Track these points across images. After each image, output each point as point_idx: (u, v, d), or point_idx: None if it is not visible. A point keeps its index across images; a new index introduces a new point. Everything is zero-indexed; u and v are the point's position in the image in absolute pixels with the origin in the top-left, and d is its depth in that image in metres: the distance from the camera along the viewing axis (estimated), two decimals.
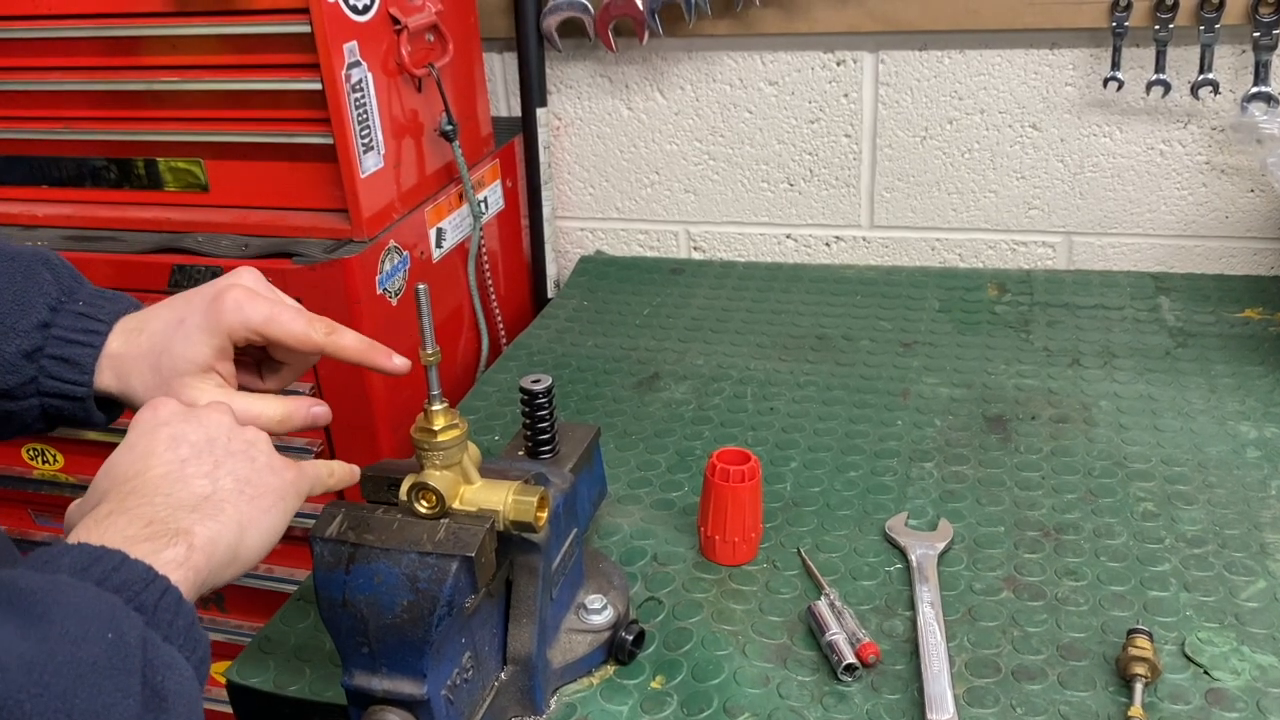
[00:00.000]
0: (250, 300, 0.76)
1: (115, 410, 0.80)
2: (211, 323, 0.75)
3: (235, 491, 0.65)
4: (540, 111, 1.59)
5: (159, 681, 0.53)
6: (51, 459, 1.46)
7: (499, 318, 1.55)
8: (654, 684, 0.86)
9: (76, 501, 0.67)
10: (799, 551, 0.99)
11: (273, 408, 0.77)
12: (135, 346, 0.76)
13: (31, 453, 1.46)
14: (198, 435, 0.67)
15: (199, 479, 0.65)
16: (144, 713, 0.52)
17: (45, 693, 0.48)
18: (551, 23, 1.51)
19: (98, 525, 0.59)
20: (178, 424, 0.68)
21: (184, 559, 0.59)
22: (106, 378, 0.76)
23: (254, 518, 0.65)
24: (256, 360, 0.83)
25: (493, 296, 1.53)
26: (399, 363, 0.79)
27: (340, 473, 0.78)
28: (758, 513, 0.98)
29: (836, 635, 0.86)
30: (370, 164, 1.22)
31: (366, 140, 1.21)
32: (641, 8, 1.47)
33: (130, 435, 0.68)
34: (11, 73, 1.26)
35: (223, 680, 0.92)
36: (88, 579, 0.54)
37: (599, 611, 0.87)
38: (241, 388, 0.80)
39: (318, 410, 0.81)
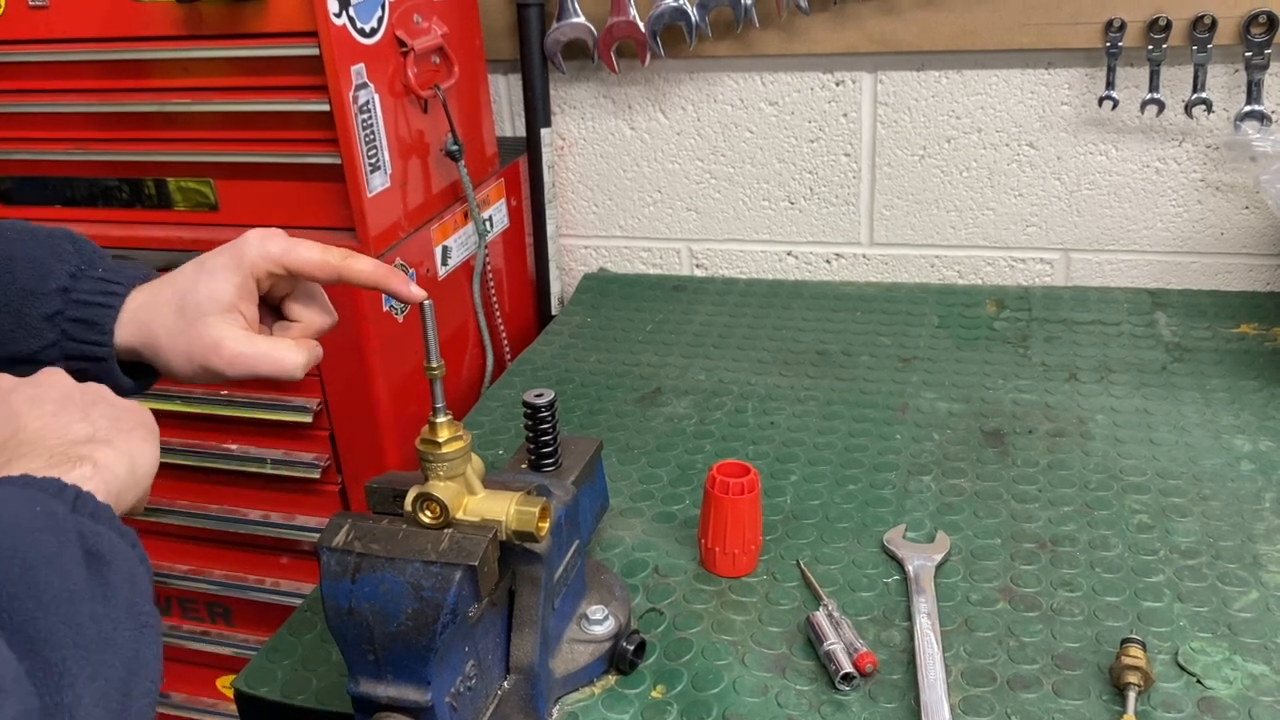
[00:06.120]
0: (270, 235, 0.79)
1: (148, 377, 0.81)
2: (234, 260, 0.78)
3: (113, 429, 0.67)
4: (544, 131, 1.61)
5: (93, 545, 0.56)
6: None
7: (503, 334, 1.57)
8: (655, 693, 0.87)
9: None
10: (798, 563, 1.01)
11: (293, 349, 0.80)
12: (158, 295, 0.79)
13: None
14: (54, 393, 0.68)
15: (77, 424, 0.66)
16: (87, 569, 0.55)
17: None
18: (555, 45, 1.54)
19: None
20: (25, 388, 0.69)
21: (91, 475, 0.61)
22: (127, 332, 0.78)
23: (138, 447, 0.67)
24: (269, 324, 0.85)
25: (497, 313, 1.55)
26: (416, 290, 0.79)
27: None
28: (757, 525, 1.00)
29: (834, 645, 0.88)
30: (377, 183, 1.24)
31: (373, 160, 1.23)
32: (643, 29, 1.49)
33: None
34: (26, 95, 1.28)
35: (230, 691, 0.93)
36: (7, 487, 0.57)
37: (601, 622, 0.89)
38: None
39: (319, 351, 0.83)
